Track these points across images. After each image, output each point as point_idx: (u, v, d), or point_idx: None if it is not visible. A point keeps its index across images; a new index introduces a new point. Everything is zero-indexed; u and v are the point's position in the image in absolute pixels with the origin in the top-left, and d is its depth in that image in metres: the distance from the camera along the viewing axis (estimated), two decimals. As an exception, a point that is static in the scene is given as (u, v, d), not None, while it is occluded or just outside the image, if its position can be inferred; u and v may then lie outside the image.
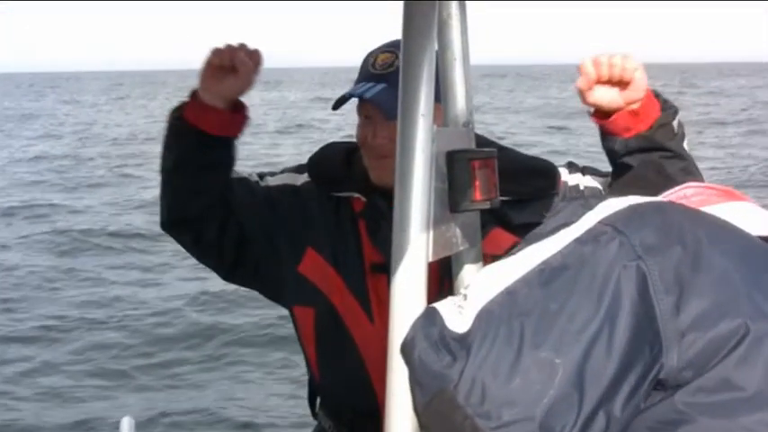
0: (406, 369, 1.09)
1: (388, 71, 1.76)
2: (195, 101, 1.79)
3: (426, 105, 1.15)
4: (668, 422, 0.99)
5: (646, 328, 0.98)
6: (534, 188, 1.84)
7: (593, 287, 1.00)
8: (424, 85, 1.15)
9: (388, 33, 1.92)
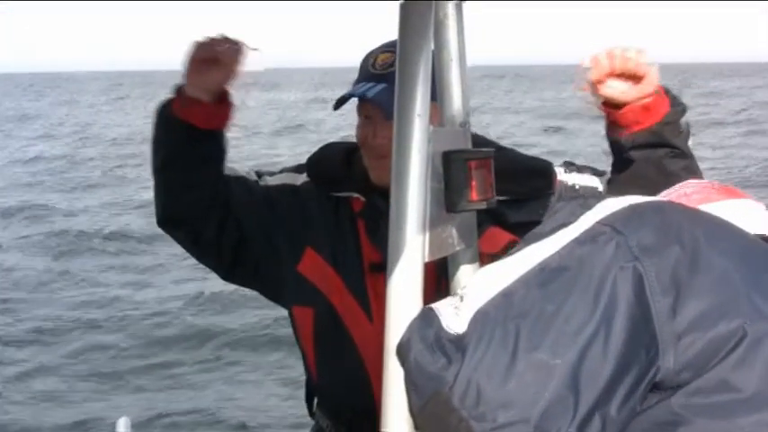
0: (401, 370, 1.08)
1: (389, 71, 1.76)
2: (181, 95, 1.79)
3: (423, 105, 1.15)
4: (665, 424, 0.99)
5: (642, 329, 0.97)
6: (531, 188, 1.84)
7: (589, 288, 0.99)
8: (421, 85, 1.15)
9: (386, 34, 1.92)
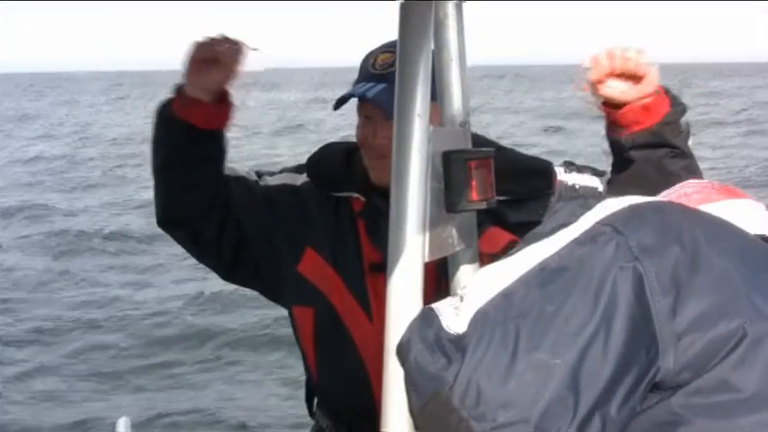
0: (401, 370, 1.08)
1: (389, 71, 1.75)
2: (181, 95, 1.79)
3: (423, 105, 1.15)
4: (665, 424, 0.98)
5: (642, 330, 0.97)
6: (531, 188, 1.84)
7: (589, 289, 0.99)
8: (421, 85, 1.15)
9: (385, 34, 1.92)
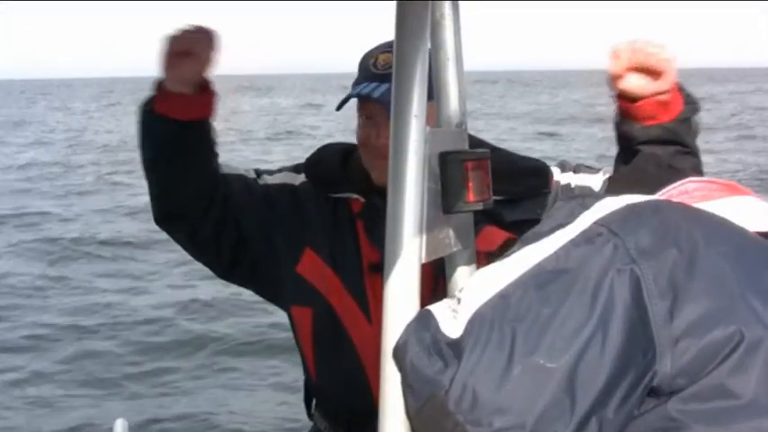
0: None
1: (391, 71, 1.77)
2: (161, 91, 1.78)
3: (419, 106, 1.15)
4: (662, 429, 0.98)
5: (639, 333, 0.97)
6: (527, 187, 1.85)
7: (586, 291, 0.98)
8: (417, 86, 1.15)
9: (380, 39, 1.93)
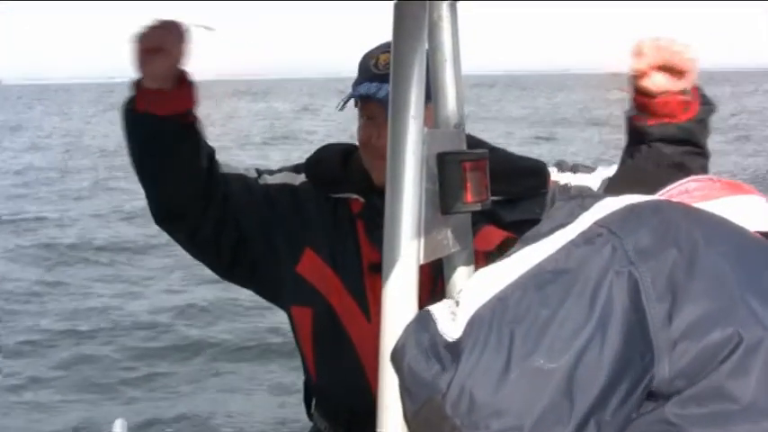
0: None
1: None
2: (140, 89, 1.77)
3: (417, 107, 1.15)
4: None
5: (637, 336, 0.96)
6: (524, 187, 1.85)
7: (585, 293, 0.98)
8: (415, 87, 1.15)
9: (377, 42, 1.93)
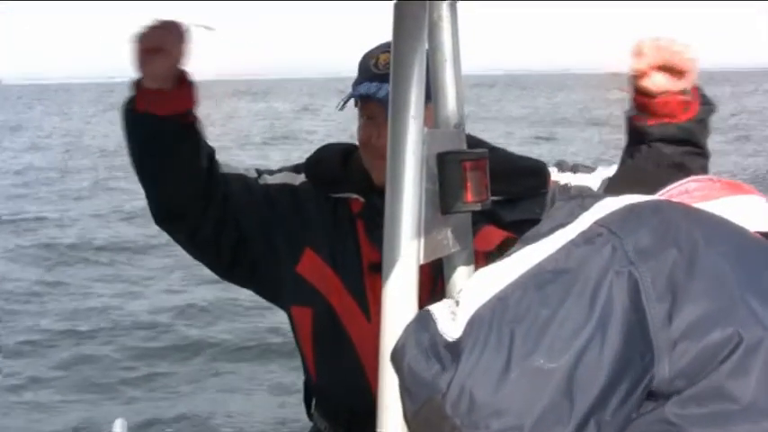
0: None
1: None
2: (140, 89, 1.77)
3: (417, 107, 1.15)
4: None
5: (637, 336, 0.96)
6: (524, 187, 1.85)
7: (585, 293, 0.98)
8: (415, 87, 1.15)
9: (377, 42, 1.93)
